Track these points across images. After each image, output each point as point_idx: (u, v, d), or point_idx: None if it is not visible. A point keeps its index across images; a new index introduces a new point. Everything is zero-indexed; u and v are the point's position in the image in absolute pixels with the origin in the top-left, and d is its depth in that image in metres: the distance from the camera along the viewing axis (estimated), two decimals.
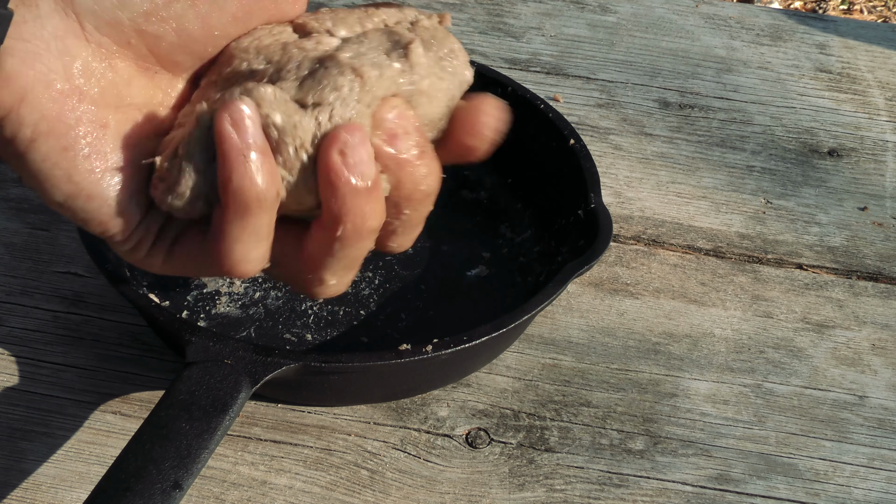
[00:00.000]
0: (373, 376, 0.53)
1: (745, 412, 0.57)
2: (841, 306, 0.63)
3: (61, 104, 0.37)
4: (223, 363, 0.48)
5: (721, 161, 0.73)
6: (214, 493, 0.51)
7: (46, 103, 0.37)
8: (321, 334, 0.58)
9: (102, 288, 0.60)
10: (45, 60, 0.36)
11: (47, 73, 0.37)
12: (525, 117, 0.64)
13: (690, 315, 0.62)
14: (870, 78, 0.82)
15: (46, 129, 0.37)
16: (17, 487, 0.51)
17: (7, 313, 0.59)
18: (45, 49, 0.36)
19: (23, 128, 0.37)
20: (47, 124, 0.37)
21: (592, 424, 0.55)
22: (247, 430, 0.54)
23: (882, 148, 0.75)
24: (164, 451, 0.43)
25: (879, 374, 0.59)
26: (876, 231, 0.68)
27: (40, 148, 0.37)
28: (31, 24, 0.36)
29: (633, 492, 0.53)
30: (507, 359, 0.58)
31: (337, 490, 0.52)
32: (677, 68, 0.81)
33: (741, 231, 0.68)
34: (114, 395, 0.55)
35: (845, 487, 0.53)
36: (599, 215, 0.57)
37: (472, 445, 0.54)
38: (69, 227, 0.64)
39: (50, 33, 0.36)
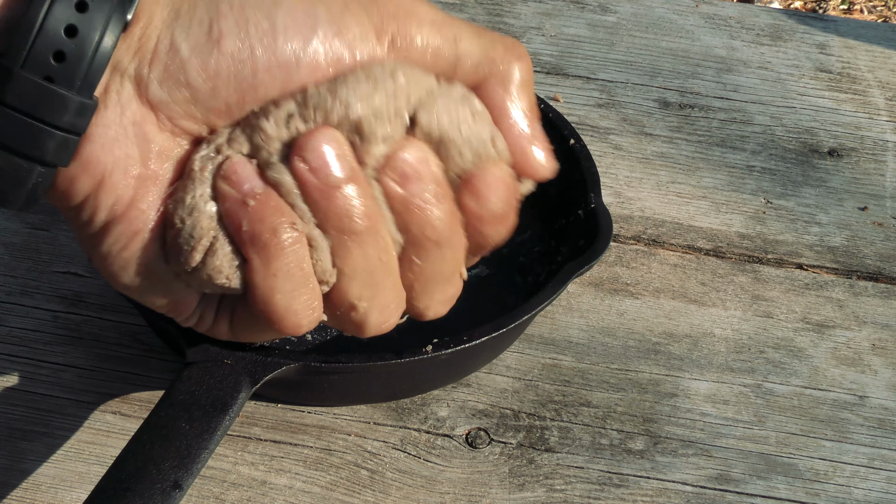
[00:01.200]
0: (373, 376, 0.53)
1: (745, 412, 0.57)
2: (841, 306, 0.63)
3: (136, 189, 0.38)
4: (223, 363, 0.48)
5: (721, 161, 0.73)
6: (214, 493, 0.51)
7: (123, 189, 0.38)
8: (321, 334, 0.58)
9: (102, 288, 0.60)
10: (123, 146, 0.37)
11: (125, 158, 0.37)
12: None
13: (690, 315, 0.62)
14: (870, 78, 0.82)
15: (121, 212, 0.38)
16: (17, 487, 0.51)
17: (7, 313, 0.59)
18: (123, 135, 0.37)
19: (99, 212, 0.38)
20: (121, 208, 0.38)
21: (592, 424, 0.55)
22: (247, 430, 0.54)
23: (882, 148, 0.75)
24: (164, 451, 0.43)
25: (879, 374, 0.59)
26: (876, 231, 0.68)
27: (113, 231, 0.38)
28: (111, 110, 0.37)
29: (633, 492, 0.53)
30: (507, 359, 0.58)
31: (337, 490, 0.52)
32: (677, 68, 0.81)
33: (741, 231, 0.68)
34: (114, 395, 0.55)
35: (845, 487, 0.53)
36: (599, 215, 0.57)
37: (472, 445, 0.54)
38: (69, 226, 0.64)
39: (129, 119, 0.37)
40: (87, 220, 0.38)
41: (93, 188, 0.37)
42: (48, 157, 0.36)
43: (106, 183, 0.37)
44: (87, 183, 0.37)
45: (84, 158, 0.37)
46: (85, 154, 0.37)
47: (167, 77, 0.36)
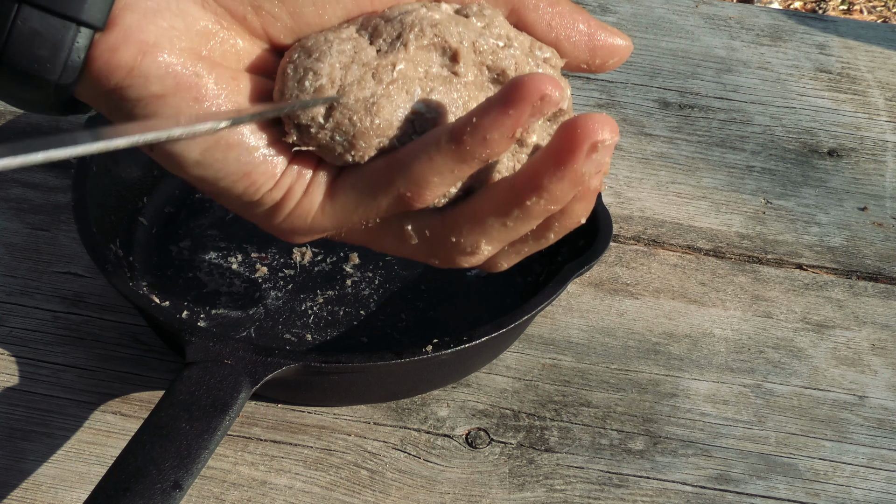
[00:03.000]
0: (373, 376, 0.53)
1: (745, 412, 0.57)
2: (841, 306, 0.63)
3: (187, 58, 0.36)
4: (223, 363, 0.48)
5: (721, 161, 0.73)
6: (214, 494, 0.51)
7: (171, 57, 0.36)
8: (321, 334, 0.58)
9: (102, 288, 0.60)
10: (167, 17, 0.36)
11: (169, 29, 0.36)
12: None
13: (690, 315, 0.62)
14: (870, 78, 0.82)
15: (174, 83, 0.36)
16: (17, 487, 0.51)
17: (7, 313, 0.59)
18: (165, 7, 0.36)
19: (149, 84, 0.36)
20: (174, 78, 0.36)
21: (592, 424, 0.55)
22: (247, 430, 0.54)
23: (882, 148, 0.75)
24: (164, 451, 0.43)
25: (879, 374, 0.59)
26: (876, 231, 0.68)
27: (170, 102, 0.36)
28: None
29: (632, 492, 0.53)
30: (507, 359, 0.58)
31: (337, 490, 0.52)
32: (677, 68, 0.81)
33: (741, 231, 0.68)
34: (114, 396, 0.55)
35: (845, 487, 0.53)
36: (599, 215, 0.58)
37: (472, 445, 0.54)
38: (69, 227, 0.64)
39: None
40: (137, 97, 0.36)
41: (135, 58, 0.36)
42: (83, 14, 0.35)
43: (151, 52, 0.36)
44: (131, 52, 0.36)
45: (126, 27, 0.35)
46: (126, 23, 0.35)
47: None
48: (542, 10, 0.39)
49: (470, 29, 0.37)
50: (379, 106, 0.36)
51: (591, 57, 0.40)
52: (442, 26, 0.37)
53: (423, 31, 0.37)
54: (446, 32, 0.37)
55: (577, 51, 0.40)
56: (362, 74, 0.37)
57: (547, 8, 0.40)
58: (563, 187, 0.35)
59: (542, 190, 0.36)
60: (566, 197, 0.36)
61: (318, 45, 0.37)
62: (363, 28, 0.38)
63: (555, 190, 0.35)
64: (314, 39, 0.38)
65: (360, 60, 0.37)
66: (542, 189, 0.36)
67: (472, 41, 0.37)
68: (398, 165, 0.37)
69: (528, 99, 0.34)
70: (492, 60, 0.38)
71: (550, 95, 0.34)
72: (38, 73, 0.36)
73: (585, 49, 0.40)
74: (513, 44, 0.38)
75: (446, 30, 0.37)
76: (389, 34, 0.37)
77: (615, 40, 0.41)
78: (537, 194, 0.36)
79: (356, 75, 0.37)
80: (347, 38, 0.37)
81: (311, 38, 0.38)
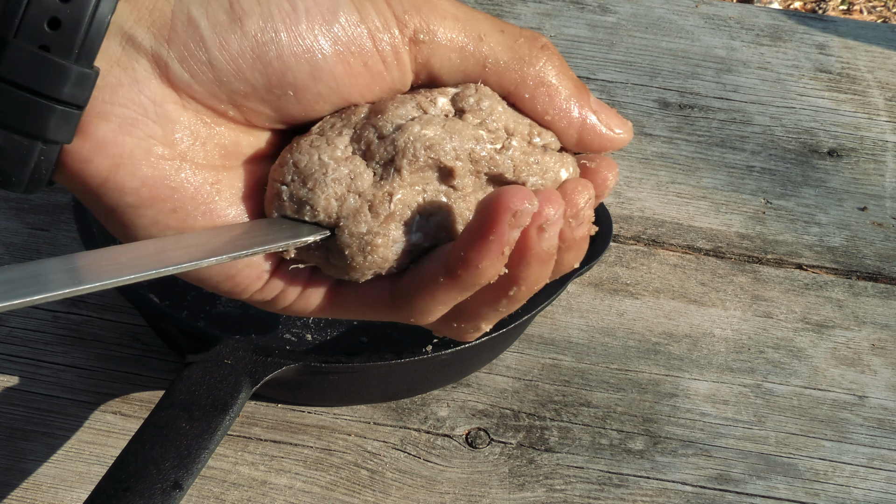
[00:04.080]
0: (373, 376, 0.53)
1: (745, 412, 0.57)
2: (841, 306, 0.63)
3: (163, 169, 0.36)
4: (223, 363, 0.48)
5: (721, 161, 0.73)
6: (214, 493, 0.51)
7: (146, 169, 0.35)
8: (321, 334, 0.58)
9: None
10: (144, 126, 0.35)
11: (146, 138, 0.35)
12: None
13: (690, 315, 0.62)
14: (869, 78, 0.82)
15: (150, 194, 0.36)
16: (18, 487, 0.51)
17: (7, 313, 0.59)
18: (143, 114, 0.35)
19: (125, 195, 0.36)
20: (149, 190, 0.36)
21: (592, 424, 0.55)
22: (247, 430, 0.54)
23: (882, 148, 0.75)
24: (164, 451, 0.43)
25: (879, 374, 0.59)
26: (876, 231, 0.68)
27: (146, 214, 0.36)
28: (128, 88, 0.35)
29: (632, 492, 0.53)
30: (507, 359, 0.58)
31: (337, 490, 0.52)
32: (677, 68, 0.81)
33: (741, 231, 0.68)
34: (114, 395, 0.55)
35: (845, 487, 0.53)
36: (599, 215, 0.58)
37: (472, 445, 0.54)
38: (69, 227, 0.64)
39: (148, 98, 0.35)
40: (112, 205, 0.36)
41: (109, 170, 0.35)
42: (49, 133, 0.34)
43: (126, 164, 0.35)
44: (104, 164, 0.35)
45: (99, 139, 0.35)
46: (100, 134, 0.35)
47: (188, 55, 0.35)
48: (538, 98, 0.38)
49: (465, 137, 0.36)
50: (373, 246, 0.36)
51: (580, 148, 0.39)
52: (436, 146, 0.36)
53: (416, 155, 0.36)
54: (440, 153, 0.36)
55: (568, 143, 0.39)
56: (358, 207, 0.36)
57: (542, 96, 0.38)
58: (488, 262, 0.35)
59: (470, 265, 0.36)
60: (493, 269, 0.36)
61: (311, 168, 0.36)
62: (356, 141, 0.36)
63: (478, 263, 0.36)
64: (307, 159, 0.36)
65: (356, 189, 0.36)
66: (469, 264, 0.36)
67: (469, 152, 0.36)
68: (401, 297, 0.38)
69: (501, 221, 0.34)
70: (489, 168, 0.37)
71: (521, 210, 0.34)
72: (3, 185, 0.35)
73: (575, 143, 0.39)
74: (511, 142, 0.37)
75: (441, 150, 0.36)
76: (382, 156, 0.36)
77: (606, 132, 0.39)
78: (464, 268, 0.36)
79: (352, 208, 0.36)
80: (343, 157, 0.36)
81: (305, 156, 0.36)
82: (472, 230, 0.35)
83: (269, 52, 0.35)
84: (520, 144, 0.37)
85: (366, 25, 0.36)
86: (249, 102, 0.36)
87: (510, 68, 0.38)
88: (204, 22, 0.35)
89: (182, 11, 0.35)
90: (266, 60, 0.35)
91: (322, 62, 0.36)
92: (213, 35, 0.35)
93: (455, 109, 0.37)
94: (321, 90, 0.36)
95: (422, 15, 0.37)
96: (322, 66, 0.36)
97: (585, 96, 0.39)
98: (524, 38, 0.39)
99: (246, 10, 0.35)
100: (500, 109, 0.37)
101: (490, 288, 0.37)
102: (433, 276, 0.37)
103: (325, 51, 0.36)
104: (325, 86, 0.36)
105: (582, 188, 0.37)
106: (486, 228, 0.34)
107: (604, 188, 0.39)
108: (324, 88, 0.36)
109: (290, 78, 0.36)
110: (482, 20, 0.38)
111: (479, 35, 0.38)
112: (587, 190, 0.37)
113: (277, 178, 0.36)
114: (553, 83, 0.38)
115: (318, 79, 0.36)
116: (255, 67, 0.35)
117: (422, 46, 0.37)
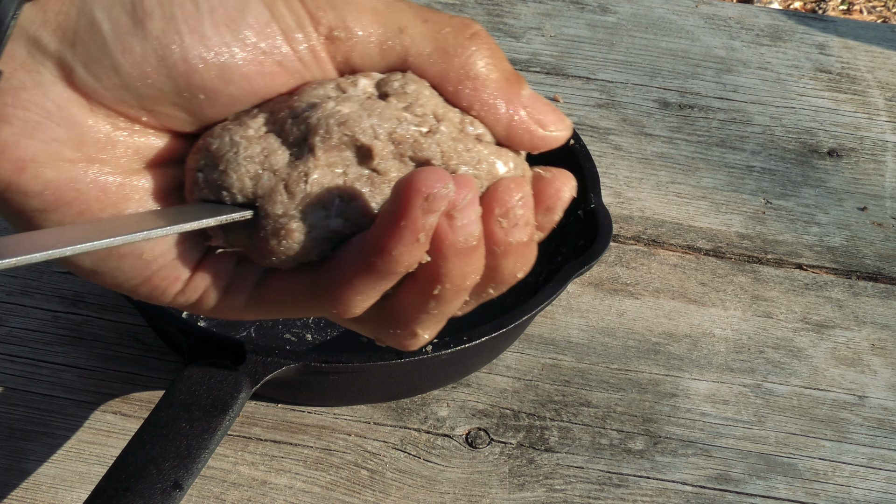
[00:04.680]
0: (373, 376, 0.53)
1: (745, 412, 0.57)
2: (841, 306, 0.63)
3: (68, 172, 0.35)
4: (223, 363, 0.48)
5: (721, 161, 0.73)
6: (214, 493, 0.51)
7: (50, 173, 0.34)
8: (321, 334, 0.58)
9: (102, 288, 0.60)
10: (48, 130, 0.34)
11: (50, 142, 0.34)
12: None
13: (690, 315, 0.62)
14: (869, 78, 0.82)
15: (53, 198, 0.35)
16: (18, 487, 0.51)
17: (7, 313, 0.59)
18: (46, 118, 0.34)
19: (29, 199, 0.35)
20: (53, 193, 0.35)
21: (592, 424, 0.55)
22: (247, 430, 0.54)
23: (882, 148, 0.75)
24: (165, 451, 0.43)
25: (879, 374, 0.59)
26: (875, 231, 0.68)
27: (52, 217, 0.35)
28: (32, 91, 0.34)
29: (632, 492, 0.53)
30: (507, 359, 0.58)
31: (337, 490, 0.52)
32: (677, 68, 0.81)
33: (741, 231, 0.68)
34: (114, 395, 0.55)
35: (845, 487, 0.53)
36: (599, 215, 0.58)
37: (472, 445, 0.54)
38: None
39: (53, 102, 0.34)
40: (18, 210, 0.35)
41: (11, 175, 0.34)
42: None
43: (29, 168, 0.34)
44: (6, 168, 0.34)
45: (0, 143, 0.34)
46: (2, 138, 0.34)
47: (91, 61, 0.34)
48: (462, 91, 0.36)
49: (386, 116, 0.34)
50: (287, 230, 0.34)
51: (512, 145, 0.37)
52: (351, 122, 0.33)
53: (329, 132, 0.34)
54: (356, 129, 0.33)
55: (499, 139, 0.37)
56: (274, 185, 0.34)
57: (466, 89, 0.36)
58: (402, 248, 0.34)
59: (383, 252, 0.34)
60: (409, 257, 0.34)
61: (222, 149, 0.34)
62: (271, 122, 0.35)
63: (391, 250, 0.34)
64: (219, 142, 0.35)
65: (270, 167, 0.34)
66: (383, 251, 0.34)
67: (390, 131, 0.34)
68: (321, 288, 0.36)
69: (412, 205, 0.32)
70: (413, 151, 0.34)
71: (435, 193, 0.32)
72: None
73: (504, 139, 0.37)
74: (440, 127, 0.35)
75: (356, 125, 0.33)
76: (296, 136, 0.34)
77: (536, 129, 0.37)
78: (377, 255, 0.34)
79: (267, 187, 0.34)
80: (255, 136, 0.35)
81: (216, 140, 0.35)
82: (385, 214, 0.33)
83: (172, 55, 0.34)
84: (449, 130, 0.35)
85: (278, 24, 0.35)
86: (161, 107, 0.35)
87: (433, 61, 0.36)
88: (106, 25, 0.34)
89: (86, 14, 0.34)
90: (170, 64, 0.34)
91: (231, 63, 0.34)
92: (116, 39, 0.34)
93: (379, 93, 0.35)
94: (234, 92, 0.35)
95: (337, 11, 0.35)
96: (232, 68, 0.34)
97: (516, 90, 0.37)
98: (451, 27, 0.37)
99: (148, 12, 0.34)
100: (427, 94, 0.35)
101: (414, 286, 0.36)
102: (350, 264, 0.35)
103: (233, 52, 0.34)
104: (238, 87, 0.35)
105: (515, 186, 0.35)
106: (399, 213, 0.33)
107: (556, 200, 0.37)
108: (236, 90, 0.35)
109: (199, 81, 0.35)
110: (405, 10, 0.36)
111: (400, 27, 0.36)
112: (521, 189, 0.35)
113: (192, 166, 0.35)
114: (479, 76, 0.36)
115: (229, 80, 0.35)
116: (161, 71, 0.34)
117: (339, 44, 0.35)
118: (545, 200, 0.37)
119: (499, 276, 0.37)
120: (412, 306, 0.37)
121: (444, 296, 0.36)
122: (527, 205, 0.35)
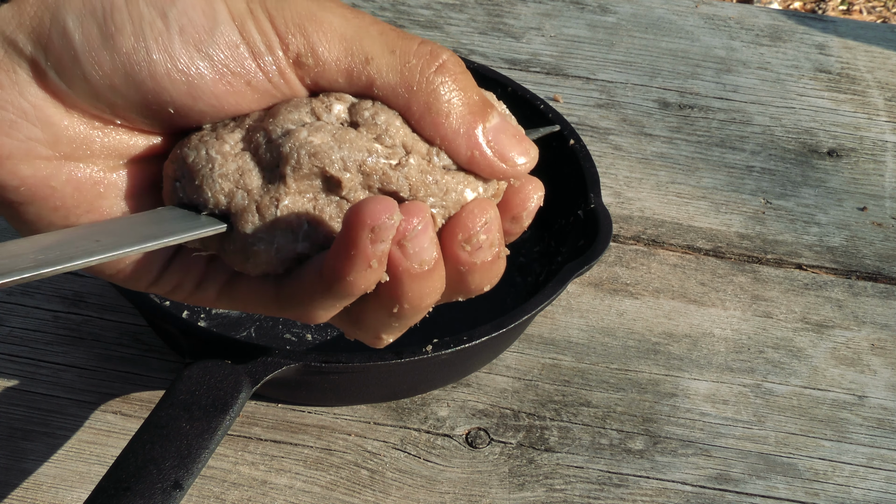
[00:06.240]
0: (373, 376, 0.53)
1: (745, 412, 0.57)
2: (840, 306, 0.63)
3: (43, 169, 0.36)
4: (223, 363, 0.48)
5: (721, 161, 0.73)
6: (215, 493, 0.51)
7: (26, 169, 0.35)
8: (321, 334, 0.58)
9: (102, 288, 0.60)
10: (23, 128, 0.35)
11: (26, 140, 0.35)
12: (525, 118, 0.64)
13: (690, 315, 0.62)
14: (869, 78, 0.82)
15: (29, 193, 0.36)
16: (18, 487, 0.51)
17: (7, 313, 0.59)
18: (22, 117, 0.35)
19: (6, 193, 0.36)
20: (29, 189, 0.36)
21: (592, 424, 0.56)
22: (247, 430, 0.54)
23: (881, 148, 0.75)
24: (165, 450, 0.43)
25: (879, 374, 0.59)
26: (875, 231, 0.68)
27: (30, 210, 0.36)
28: (9, 90, 0.34)
29: (632, 492, 0.53)
30: (507, 359, 0.58)
31: (337, 490, 0.52)
32: (677, 68, 0.81)
33: (741, 231, 0.68)
34: (114, 395, 0.55)
35: (844, 487, 0.53)
36: (599, 215, 0.58)
37: (472, 445, 0.54)
38: None
39: (29, 102, 0.35)
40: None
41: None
42: None
43: (5, 164, 0.35)
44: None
45: None
46: None
47: (63, 68, 0.34)
48: (425, 125, 0.36)
49: (356, 147, 0.35)
50: (255, 253, 0.35)
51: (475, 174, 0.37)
52: (322, 154, 0.34)
53: (299, 162, 0.34)
54: (326, 161, 0.34)
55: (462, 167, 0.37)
56: (246, 206, 0.35)
57: (429, 123, 0.36)
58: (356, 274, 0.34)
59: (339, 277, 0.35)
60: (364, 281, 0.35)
61: (198, 163, 0.35)
62: (246, 140, 0.36)
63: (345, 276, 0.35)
64: (195, 154, 0.36)
65: (244, 186, 0.35)
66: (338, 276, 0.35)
67: (360, 163, 0.35)
68: (286, 298, 0.37)
69: (358, 237, 0.33)
70: (382, 183, 0.35)
71: (381, 224, 0.33)
72: None
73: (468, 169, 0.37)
74: (408, 160, 0.35)
75: (326, 157, 0.34)
76: (268, 161, 0.35)
77: (497, 163, 0.37)
78: (334, 280, 0.35)
79: (240, 206, 0.35)
80: (231, 153, 0.35)
81: (193, 152, 0.36)
82: (338, 242, 0.34)
83: (141, 72, 0.34)
84: (418, 162, 0.36)
85: (247, 45, 0.35)
86: (132, 114, 0.36)
87: (398, 93, 0.36)
88: (78, 36, 0.34)
89: (59, 22, 0.34)
90: (139, 80, 0.34)
91: (200, 82, 0.35)
92: (86, 50, 0.34)
93: (350, 121, 0.36)
94: (203, 108, 0.36)
95: (306, 36, 0.36)
96: (200, 86, 0.35)
97: (479, 123, 0.37)
98: (418, 58, 0.36)
99: (118, 27, 0.34)
100: (397, 125, 0.36)
101: (376, 301, 0.37)
102: (311, 283, 0.36)
103: (202, 71, 0.35)
104: (207, 104, 0.35)
105: (479, 211, 0.36)
106: (348, 243, 0.34)
107: (523, 208, 0.38)
108: (205, 107, 0.35)
109: (167, 97, 0.35)
110: (374, 37, 0.37)
111: (367, 57, 0.36)
112: (484, 213, 0.36)
113: (170, 174, 0.36)
114: (441, 112, 0.36)
115: (197, 98, 0.35)
116: (129, 86, 0.35)
117: (307, 69, 0.36)
118: (512, 209, 0.38)
119: (465, 288, 0.38)
120: (375, 318, 0.38)
121: (403, 313, 0.37)
122: (490, 228, 0.36)
